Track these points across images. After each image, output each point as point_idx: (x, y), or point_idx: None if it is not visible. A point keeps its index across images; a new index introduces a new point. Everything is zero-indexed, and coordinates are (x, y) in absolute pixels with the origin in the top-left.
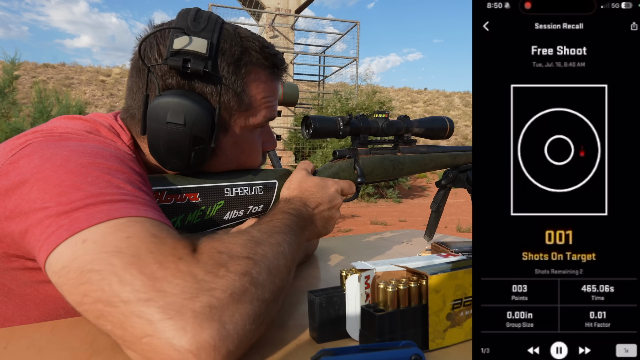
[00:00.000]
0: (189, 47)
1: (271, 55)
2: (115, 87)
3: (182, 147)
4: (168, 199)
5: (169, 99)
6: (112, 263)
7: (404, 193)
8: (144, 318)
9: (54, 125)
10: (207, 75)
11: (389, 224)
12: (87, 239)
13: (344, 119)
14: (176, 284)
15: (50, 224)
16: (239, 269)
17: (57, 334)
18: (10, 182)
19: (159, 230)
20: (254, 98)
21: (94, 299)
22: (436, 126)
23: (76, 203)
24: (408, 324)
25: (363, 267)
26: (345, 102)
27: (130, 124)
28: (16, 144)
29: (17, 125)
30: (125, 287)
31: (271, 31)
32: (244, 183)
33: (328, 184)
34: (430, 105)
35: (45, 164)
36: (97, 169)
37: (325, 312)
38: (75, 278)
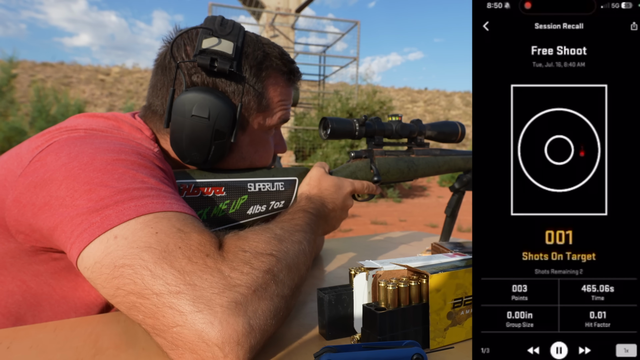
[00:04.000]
0: (217, 47)
1: (289, 62)
2: (115, 86)
3: (204, 140)
4: (195, 191)
5: (195, 94)
6: (143, 258)
7: (404, 193)
8: (175, 309)
9: (76, 122)
10: (231, 75)
11: (389, 224)
12: (118, 236)
13: (359, 121)
14: (205, 279)
15: (82, 221)
16: (262, 266)
17: (60, 333)
18: (38, 179)
19: (184, 224)
20: (271, 100)
21: (127, 292)
22: (448, 130)
23: (105, 200)
24: (409, 323)
25: (371, 265)
26: (346, 101)
27: (151, 121)
28: (41, 141)
29: (15, 124)
30: (157, 281)
31: (271, 30)
32: (266, 179)
33: (345, 184)
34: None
35: (72, 162)
36: (122, 165)
37: (334, 309)
38: (109, 273)
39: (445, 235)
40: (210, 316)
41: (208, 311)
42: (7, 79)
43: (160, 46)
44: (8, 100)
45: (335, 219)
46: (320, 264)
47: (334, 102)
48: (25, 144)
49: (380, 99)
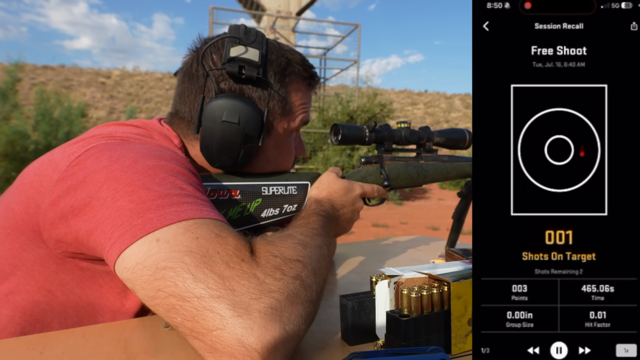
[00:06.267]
0: (244, 55)
1: (309, 67)
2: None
3: (234, 144)
4: (212, 194)
5: (225, 100)
6: (185, 261)
7: (405, 195)
8: (215, 312)
9: (109, 130)
10: (258, 81)
11: (390, 226)
12: (160, 239)
13: (369, 127)
14: (242, 284)
15: (123, 222)
16: (292, 272)
17: (90, 339)
18: (78, 181)
19: (221, 230)
20: (294, 104)
21: (168, 294)
22: (456, 137)
23: (147, 203)
24: (431, 329)
25: (392, 273)
26: (346, 104)
27: (178, 127)
28: (77, 148)
29: (18, 127)
30: (198, 284)
31: (272, 33)
32: (280, 183)
33: (354, 187)
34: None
35: (114, 164)
36: (162, 171)
37: (357, 316)
38: (150, 274)
39: (452, 240)
40: (249, 321)
41: (247, 316)
42: (12, 83)
43: (185, 55)
44: (12, 104)
45: (345, 221)
46: (332, 269)
47: (334, 105)
48: (57, 151)
49: (381, 102)
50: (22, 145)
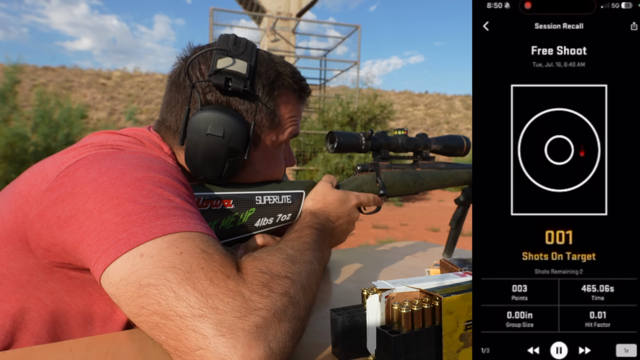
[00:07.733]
0: (231, 67)
1: (300, 80)
2: (116, 90)
3: (219, 157)
4: (204, 204)
5: (210, 113)
6: (167, 278)
7: (405, 197)
8: (198, 332)
9: (100, 139)
10: (245, 94)
11: (390, 228)
12: (144, 254)
13: (365, 135)
14: (227, 302)
15: (109, 236)
16: (279, 289)
17: (77, 353)
18: (66, 192)
19: (207, 245)
20: (282, 117)
21: (151, 312)
22: (453, 144)
23: (133, 216)
24: (422, 345)
25: (383, 286)
26: (347, 105)
27: (166, 136)
28: (67, 158)
29: (18, 129)
30: (180, 302)
31: (272, 35)
32: (274, 192)
33: (350, 197)
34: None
35: (102, 176)
36: (150, 183)
37: (347, 330)
38: (134, 291)
39: (450, 247)
40: (233, 340)
41: (230, 335)
42: (11, 85)
43: (174, 63)
44: (11, 105)
45: (341, 232)
46: (327, 277)
47: (334, 106)
48: (48, 161)
49: (381, 103)
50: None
